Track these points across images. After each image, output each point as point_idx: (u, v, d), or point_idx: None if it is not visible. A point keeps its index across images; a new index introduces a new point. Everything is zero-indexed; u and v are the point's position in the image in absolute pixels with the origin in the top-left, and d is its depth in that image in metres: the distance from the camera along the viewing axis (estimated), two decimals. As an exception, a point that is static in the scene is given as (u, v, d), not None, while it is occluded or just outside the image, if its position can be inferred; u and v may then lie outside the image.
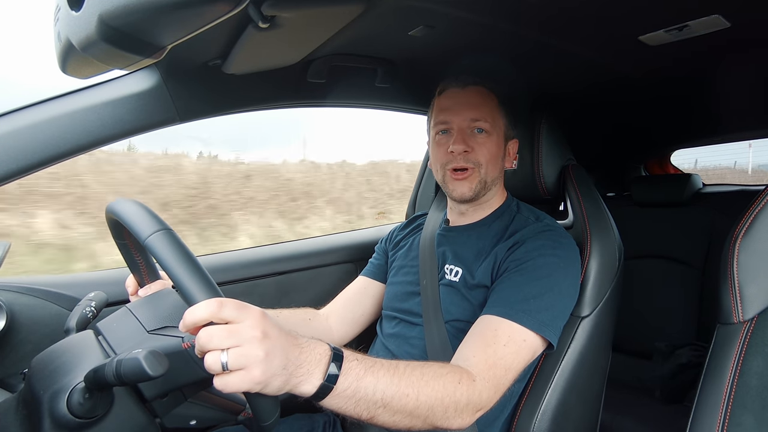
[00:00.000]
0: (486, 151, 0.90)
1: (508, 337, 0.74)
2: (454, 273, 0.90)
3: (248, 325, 0.50)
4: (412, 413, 0.62)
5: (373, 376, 0.59)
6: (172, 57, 0.65)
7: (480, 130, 0.90)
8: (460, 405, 0.66)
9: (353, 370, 0.58)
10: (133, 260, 0.72)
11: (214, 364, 0.48)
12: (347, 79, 1.08)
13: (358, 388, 0.58)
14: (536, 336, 0.76)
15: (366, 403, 0.59)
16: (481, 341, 0.75)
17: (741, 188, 1.64)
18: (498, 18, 0.80)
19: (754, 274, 0.68)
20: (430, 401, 0.63)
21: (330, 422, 0.97)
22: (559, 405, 0.84)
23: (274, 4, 0.61)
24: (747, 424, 0.61)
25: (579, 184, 0.99)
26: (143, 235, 0.53)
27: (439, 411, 0.64)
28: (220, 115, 0.98)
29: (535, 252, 0.81)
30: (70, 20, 0.49)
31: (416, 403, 0.62)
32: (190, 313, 0.49)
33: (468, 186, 0.90)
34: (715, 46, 0.93)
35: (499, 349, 0.73)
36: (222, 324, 0.49)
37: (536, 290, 0.78)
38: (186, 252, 0.52)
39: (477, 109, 0.90)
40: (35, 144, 0.77)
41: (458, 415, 0.66)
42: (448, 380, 0.66)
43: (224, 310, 0.49)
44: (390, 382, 0.60)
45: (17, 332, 0.87)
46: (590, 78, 1.17)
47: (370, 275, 1.10)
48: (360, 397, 0.58)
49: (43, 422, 0.51)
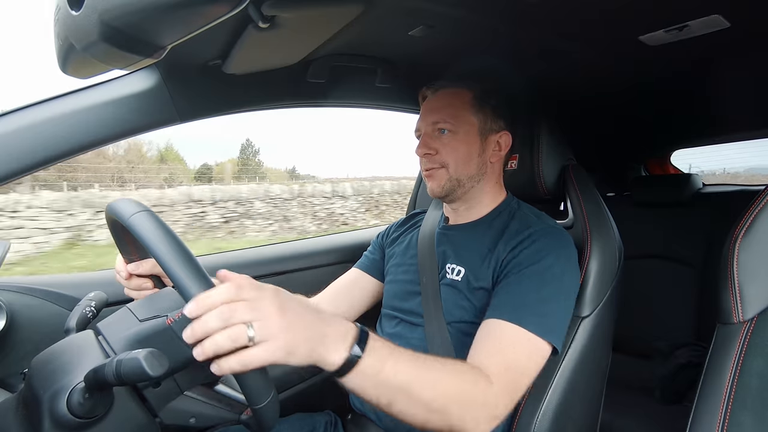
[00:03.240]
0: (451, 150, 0.91)
1: (518, 341, 0.74)
2: (456, 272, 0.90)
3: (268, 301, 0.52)
4: (429, 405, 0.62)
5: (395, 360, 0.60)
6: (172, 57, 0.65)
7: (444, 130, 0.91)
8: (476, 405, 0.65)
9: (378, 350, 0.59)
10: (121, 238, 0.72)
11: (240, 337, 0.49)
12: (347, 79, 1.08)
13: (381, 369, 0.58)
14: (543, 341, 0.75)
15: (386, 386, 0.59)
16: (492, 346, 0.74)
17: (741, 188, 1.64)
18: (498, 18, 0.80)
19: (754, 274, 0.68)
20: (448, 394, 0.63)
21: (331, 422, 0.97)
22: (560, 405, 0.84)
23: (274, 4, 0.61)
24: (747, 424, 0.61)
25: (579, 184, 0.99)
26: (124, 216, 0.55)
27: (455, 408, 0.63)
28: (220, 115, 0.98)
29: (538, 255, 0.81)
30: (70, 20, 0.49)
31: (434, 394, 0.62)
32: (206, 297, 0.50)
33: (437, 184, 0.93)
34: (715, 46, 0.93)
35: (510, 354, 0.72)
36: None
37: (542, 295, 0.78)
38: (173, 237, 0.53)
39: (439, 111, 0.92)
40: (35, 144, 0.77)
41: (473, 418, 0.65)
42: (467, 378, 0.66)
43: (243, 291, 0.51)
44: (412, 366, 0.61)
45: (17, 332, 0.87)
46: (590, 78, 1.17)
47: (363, 268, 1.10)
48: (382, 378, 0.58)
49: (43, 422, 0.51)
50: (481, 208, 0.96)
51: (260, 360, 0.50)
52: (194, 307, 0.49)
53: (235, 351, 0.50)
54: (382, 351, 0.59)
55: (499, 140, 0.94)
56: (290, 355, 0.52)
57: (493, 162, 0.95)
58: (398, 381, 0.59)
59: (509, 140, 0.96)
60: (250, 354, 0.50)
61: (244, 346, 0.50)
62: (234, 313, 0.50)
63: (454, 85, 0.94)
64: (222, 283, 0.53)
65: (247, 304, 0.51)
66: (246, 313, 0.50)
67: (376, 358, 0.58)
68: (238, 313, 0.50)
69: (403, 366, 0.60)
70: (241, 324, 0.50)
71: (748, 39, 0.89)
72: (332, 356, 0.55)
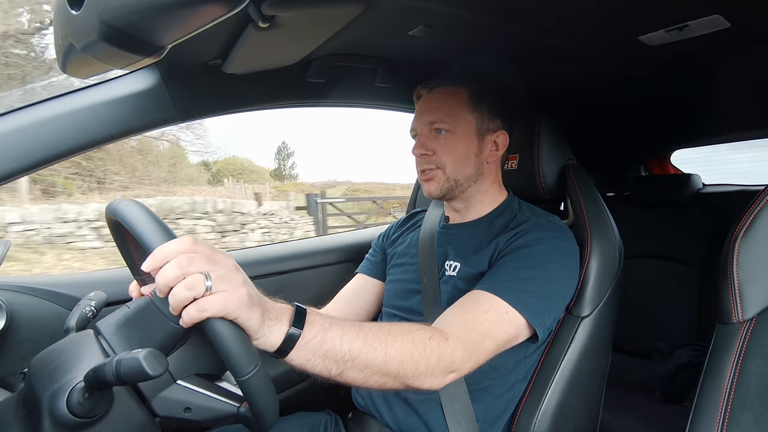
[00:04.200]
0: (448, 150, 0.90)
1: (489, 306, 0.74)
2: (453, 268, 0.90)
3: (223, 257, 0.52)
4: (381, 369, 0.62)
5: (338, 329, 0.59)
6: (172, 57, 0.65)
7: (440, 130, 0.91)
8: (431, 361, 0.65)
9: (318, 321, 0.58)
10: (132, 260, 0.72)
11: (198, 285, 0.48)
12: (347, 79, 1.08)
13: (324, 339, 0.58)
14: (519, 315, 0.75)
15: (333, 356, 0.58)
16: (461, 309, 0.75)
17: (741, 188, 1.64)
18: (498, 18, 0.80)
19: (754, 274, 0.68)
20: (399, 356, 0.62)
21: (332, 421, 0.97)
22: (560, 405, 0.84)
23: (274, 4, 0.61)
24: (746, 424, 0.61)
25: (579, 184, 0.99)
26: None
27: (409, 367, 0.63)
28: (220, 114, 0.98)
29: (533, 241, 0.82)
30: (70, 20, 0.49)
31: (385, 358, 0.61)
32: (162, 248, 0.49)
33: (434, 185, 0.92)
34: (715, 46, 0.93)
35: (479, 316, 0.73)
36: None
37: (527, 274, 0.78)
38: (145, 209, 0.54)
39: (435, 111, 0.91)
40: (35, 144, 0.77)
41: (429, 372, 0.65)
42: (418, 336, 0.65)
43: (199, 245, 0.51)
44: (356, 335, 0.60)
45: (17, 332, 0.87)
46: (590, 78, 1.17)
47: (367, 272, 1.10)
48: (327, 349, 0.58)
49: (43, 422, 0.51)
50: (482, 208, 0.96)
51: (217, 306, 0.49)
52: (150, 261, 0.49)
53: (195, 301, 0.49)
54: (323, 322, 0.59)
55: (496, 140, 0.94)
56: (246, 310, 0.51)
57: (490, 162, 0.94)
58: (344, 349, 0.59)
59: (506, 140, 0.95)
60: (207, 300, 0.49)
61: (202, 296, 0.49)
62: (191, 262, 0.49)
63: (449, 84, 0.94)
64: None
65: (204, 256, 0.50)
66: (203, 264, 0.49)
67: (318, 328, 0.58)
68: (195, 263, 0.49)
69: (348, 335, 0.60)
70: (198, 273, 0.49)
71: (748, 39, 0.89)
72: (273, 335, 0.55)
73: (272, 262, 1.29)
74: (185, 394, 0.59)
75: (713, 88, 1.22)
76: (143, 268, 0.50)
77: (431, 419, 0.83)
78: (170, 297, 0.49)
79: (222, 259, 0.52)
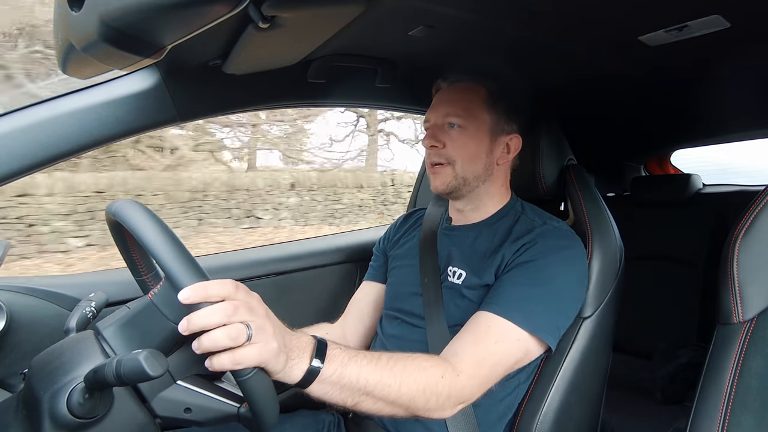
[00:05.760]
0: (459, 146, 0.89)
1: (501, 334, 0.74)
2: (457, 275, 0.89)
3: (258, 304, 0.55)
4: (394, 402, 0.65)
5: (356, 365, 0.62)
6: (172, 57, 0.65)
7: (453, 125, 0.90)
8: (441, 398, 0.68)
9: (337, 357, 0.61)
10: (132, 260, 0.72)
11: (240, 336, 0.50)
12: (347, 79, 1.08)
13: (342, 375, 0.61)
14: (531, 337, 0.75)
15: (350, 390, 0.62)
16: (472, 337, 0.75)
17: (741, 188, 1.64)
18: (498, 18, 0.80)
19: (754, 274, 0.68)
20: (411, 393, 0.66)
21: (335, 422, 0.96)
22: (561, 405, 0.84)
23: (274, 4, 0.61)
24: (747, 424, 0.61)
25: (579, 185, 0.99)
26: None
27: (420, 402, 0.67)
28: (221, 114, 0.98)
29: (540, 254, 0.81)
30: (70, 20, 0.49)
31: (398, 394, 0.65)
32: (204, 288, 0.50)
33: (441, 180, 0.91)
34: (715, 46, 0.92)
35: (490, 346, 0.74)
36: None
37: (537, 292, 0.77)
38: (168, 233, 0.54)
39: (452, 104, 0.90)
40: (35, 144, 0.77)
41: (439, 406, 0.69)
42: (431, 374, 0.68)
43: (239, 291, 0.53)
44: (373, 371, 0.63)
45: (17, 332, 0.87)
46: (590, 78, 1.17)
47: (373, 279, 1.09)
48: (344, 383, 0.61)
49: (43, 422, 0.51)
50: (486, 210, 0.95)
51: (252, 360, 0.51)
52: (191, 294, 0.49)
53: (229, 349, 0.50)
54: (342, 357, 0.62)
55: (509, 143, 0.93)
56: (274, 361, 0.54)
57: (501, 164, 0.94)
58: (361, 385, 0.62)
59: (519, 144, 0.94)
60: (243, 353, 0.51)
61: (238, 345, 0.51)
62: (237, 311, 0.51)
63: (469, 79, 0.93)
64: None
65: (245, 305, 0.52)
66: (246, 314, 0.51)
67: (337, 364, 0.61)
68: (240, 312, 0.51)
69: (365, 371, 0.63)
70: (241, 324, 0.50)
71: (748, 39, 0.89)
72: (295, 372, 0.58)
73: (272, 262, 1.29)
74: (185, 394, 0.59)
75: (713, 88, 1.21)
76: (181, 299, 0.49)
77: (431, 422, 0.83)
78: (206, 339, 0.50)
79: (257, 307, 0.54)
